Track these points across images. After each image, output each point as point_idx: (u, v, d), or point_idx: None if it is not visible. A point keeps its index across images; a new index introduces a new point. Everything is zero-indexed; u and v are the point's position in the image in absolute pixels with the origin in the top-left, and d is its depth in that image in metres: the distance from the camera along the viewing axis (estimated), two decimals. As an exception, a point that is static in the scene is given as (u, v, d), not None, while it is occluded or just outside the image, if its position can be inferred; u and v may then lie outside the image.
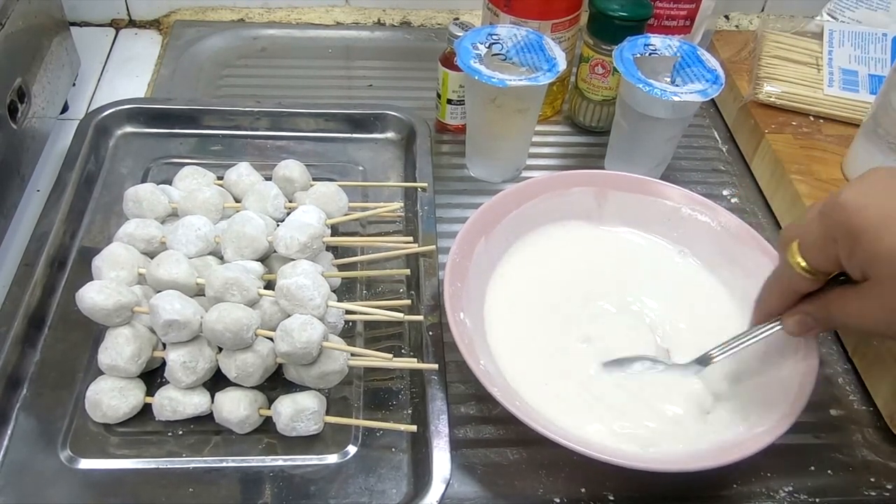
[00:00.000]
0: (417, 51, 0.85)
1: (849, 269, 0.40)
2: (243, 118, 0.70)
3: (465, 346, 0.47)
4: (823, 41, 0.77)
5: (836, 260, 0.40)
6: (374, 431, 0.50)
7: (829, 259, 0.40)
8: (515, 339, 0.54)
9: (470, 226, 0.55)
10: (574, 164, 0.72)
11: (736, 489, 0.49)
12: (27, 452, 0.47)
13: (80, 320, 0.50)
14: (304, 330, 0.46)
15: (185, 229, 0.53)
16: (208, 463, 0.48)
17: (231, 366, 0.48)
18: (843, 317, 0.42)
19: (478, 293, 0.55)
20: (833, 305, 0.43)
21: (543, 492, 0.48)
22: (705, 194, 0.61)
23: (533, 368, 0.52)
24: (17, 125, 0.60)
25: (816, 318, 0.44)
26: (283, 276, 0.50)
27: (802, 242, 0.42)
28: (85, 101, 0.76)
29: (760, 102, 0.72)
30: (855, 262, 0.39)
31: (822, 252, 0.41)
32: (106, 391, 0.48)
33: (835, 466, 0.51)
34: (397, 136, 0.71)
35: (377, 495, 0.47)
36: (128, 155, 0.67)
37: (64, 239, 0.58)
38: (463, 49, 0.61)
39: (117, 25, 0.86)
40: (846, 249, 0.39)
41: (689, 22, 0.71)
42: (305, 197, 0.59)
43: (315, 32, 0.86)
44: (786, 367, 0.50)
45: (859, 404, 0.55)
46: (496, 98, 0.61)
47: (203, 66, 0.80)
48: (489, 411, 0.52)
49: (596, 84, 0.71)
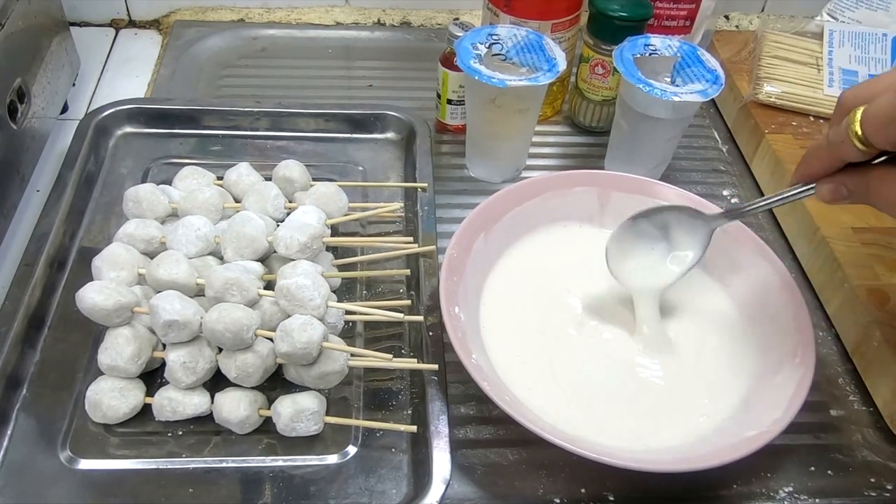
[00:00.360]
0: (417, 51, 0.85)
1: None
2: (243, 118, 0.70)
3: (458, 339, 0.48)
4: (823, 41, 0.77)
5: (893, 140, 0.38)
6: (374, 432, 0.50)
7: (890, 137, 0.38)
8: (511, 336, 0.54)
9: (469, 222, 0.55)
10: (574, 164, 0.72)
11: (736, 489, 0.49)
12: (27, 453, 0.47)
13: (79, 320, 0.50)
14: (304, 330, 0.46)
15: (185, 229, 0.53)
16: (208, 463, 0.48)
17: (231, 366, 0.48)
18: (878, 197, 0.41)
19: (475, 289, 0.55)
20: (873, 183, 0.41)
21: (543, 492, 0.48)
22: (705, 194, 0.61)
23: (527, 366, 0.52)
24: (17, 125, 0.60)
25: (852, 190, 0.42)
26: (283, 276, 0.50)
27: (866, 112, 0.39)
28: (85, 101, 0.76)
29: (760, 102, 0.72)
30: None
31: (885, 128, 0.38)
32: (106, 391, 0.48)
33: (835, 466, 0.51)
34: (397, 136, 0.71)
35: (377, 496, 0.47)
36: (128, 155, 0.67)
37: (64, 239, 0.58)
38: (463, 49, 0.61)
39: (117, 25, 0.86)
40: None
41: (689, 22, 0.71)
42: (305, 197, 0.59)
43: (315, 32, 0.86)
44: (784, 368, 0.50)
45: (859, 404, 0.55)
46: (496, 98, 0.61)
47: (203, 66, 0.80)
48: (489, 411, 0.52)
49: (596, 84, 0.71)
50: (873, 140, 0.39)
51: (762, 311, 0.54)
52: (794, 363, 0.50)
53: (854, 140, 0.40)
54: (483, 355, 0.51)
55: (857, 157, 0.41)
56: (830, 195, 0.44)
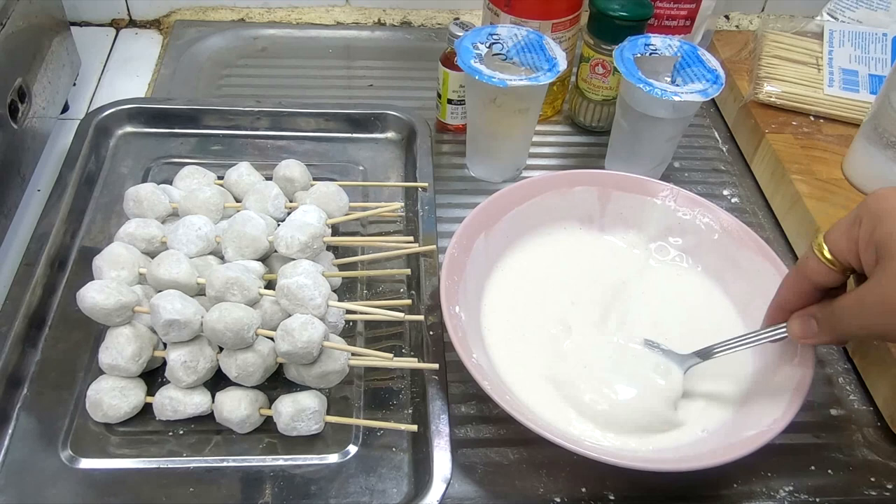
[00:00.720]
0: (417, 51, 0.85)
1: (864, 256, 0.40)
2: (243, 118, 0.70)
3: (458, 339, 0.48)
4: (823, 41, 0.77)
5: (855, 246, 0.40)
6: (375, 431, 0.50)
7: (850, 244, 0.41)
8: (511, 335, 0.54)
9: (469, 222, 0.55)
10: (574, 164, 0.72)
11: (736, 489, 0.49)
12: (28, 452, 0.47)
13: (80, 320, 0.50)
14: (304, 329, 0.46)
15: (186, 229, 0.53)
16: (209, 462, 0.48)
17: (232, 365, 0.48)
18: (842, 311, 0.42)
19: (476, 288, 0.55)
20: (837, 303, 0.42)
21: (543, 491, 0.48)
22: (705, 194, 0.61)
23: (527, 365, 0.52)
24: (17, 125, 0.60)
25: (819, 319, 0.44)
26: (284, 275, 0.50)
27: (829, 231, 0.42)
28: (85, 101, 0.76)
29: (760, 102, 0.72)
30: (871, 244, 0.39)
31: (846, 234, 0.41)
32: (107, 391, 0.48)
33: (835, 466, 0.51)
34: (397, 135, 0.71)
35: (378, 495, 0.47)
36: (128, 155, 0.67)
37: (64, 239, 0.58)
38: (463, 49, 0.61)
39: (117, 25, 0.86)
40: (868, 231, 0.39)
41: (690, 22, 0.71)
42: (306, 197, 0.59)
43: (315, 32, 0.86)
44: (783, 370, 0.50)
45: (859, 404, 0.55)
46: (496, 98, 0.61)
47: (203, 66, 0.80)
48: (489, 411, 0.52)
49: (596, 84, 0.71)
50: (837, 251, 0.42)
51: (762, 311, 0.54)
52: (793, 363, 0.50)
53: (819, 255, 0.42)
54: (483, 355, 0.51)
55: (822, 276, 0.43)
56: (800, 329, 0.45)
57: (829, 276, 0.43)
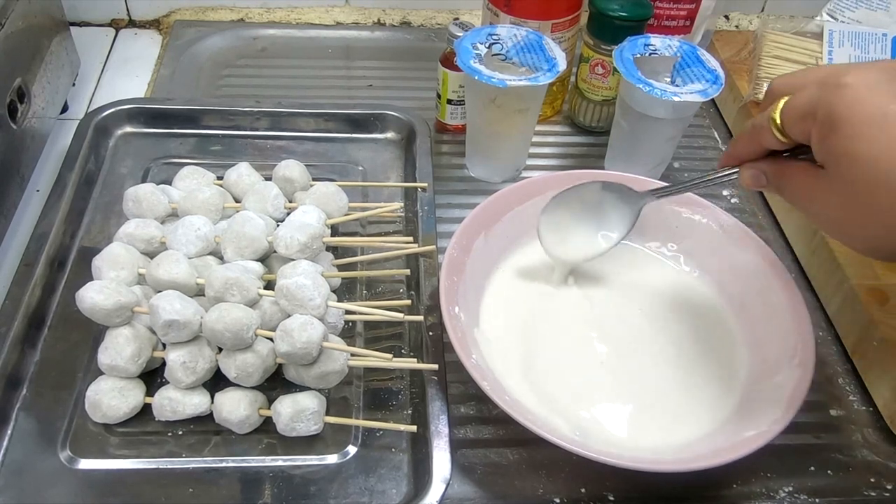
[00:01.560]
0: (417, 51, 0.85)
1: (815, 152, 0.39)
2: (243, 118, 0.70)
3: (458, 339, 0.48)
4: (823, 41, 0.77)
5: (807, 135, 0.39)
6: (374, 431, 0.50)
7: (802, 131, 0.39)
8: (511, 335, 0.54)
9: (469, 222, 0.55)
10: (574, 164, 0.72)
11: (736, 489, 0.49)
12: (27, 452, 0.47)
13: (80, 320, 0.50)
14: (304, 330, 0.46)
15: (185, 229, 0.53)
16: (208, 463, 0.48)
17: (231, 366, 0.48)
18: (790, 189, 0.42)
19: (475, 289, 0.55)
20: (787, 173, 0.42)
21: (543, 492, 0.48)
22: (705, 194, 0.61)
23: (527, 365, 0.52)
24: (17, 125, 0.60)
25: (770, 177, 0.44)
26: (283, 276, 0.50)
27: (787, 103, 0.40)
28: (85, 101, 0.76)
29: (760, 102, 0.72)
30: (823, 149, 0.38)
31: (800, 122, 0.39)
32: (106, 391, 0.48)
33: (835, 466, 0.51)
34: (397, 136, 0.71)
35: (377, 495, 0.47)
36: (128, 155, 0.67)
37: (64, 239, 0.58)
38: (463, 49, 0.61)
39: (117, 25, 0.86)
40: (821, 132, 0.38)
41: (689, 22, 0.71)
42: (305, 197, 0.59)
43: (315, 32, 0.86)
44: (783, 370, 0.50)
45: (859, 404, 0.55)
46: (496, 98, 0.61)
47: (203, 66, 0.80)
48: (489, 411, 0.52)
49: (596, 84, 0.71)
50: (789, 131, 0.40)
51: (762, 311, 0.54)
52: (793, 363, 0.50)
53: (773, 129, 0.41)
54: (482, 355, 0.51)
55: (775, 146, 0.42)
56: (751, 180, 0.45)
57: (781, 146, 0.42)
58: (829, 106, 0.37)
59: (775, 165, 0.43)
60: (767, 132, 0.41)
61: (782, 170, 0.43)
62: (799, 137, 0.40)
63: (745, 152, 0.45)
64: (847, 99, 0.36)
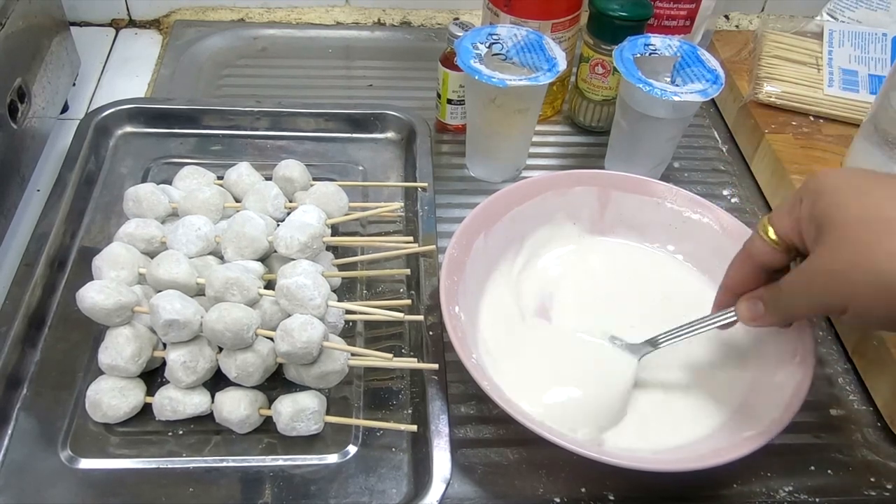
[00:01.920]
0: (417, 51, 0.85)
1: (806, 232, 0.41)
2: (243, 118, 0.70)
3: (458, 339, 0.48)
4: (823, 41, 0.77)
5: (797, 225, 0.42)
6: (375, 431, 0.50)
7: (793, 221, 0.42)
8: (511, 335, 0.54)
9: (469, 222, 0.55)
10: (574, 164, 0.72)
11: (736, 489, 0.49)
12: (27, 452, 0.47)
13: (80, 320, 0.50)
14: (304, 330, 0.46)
15: (186, 229, 0.53)
16: (208, 463, 0.48)
17: (231, 365, 0.48)
18: (787, 288, 0.43)
19: (476, 289, 0.55)
20: (783, 282, 0.43)
21: (543, 492, 0.48)
22: (705, 194, 0.61)
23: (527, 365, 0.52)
24: (17, 125, 0.60)
25: (766, 300, 0.45)
26: (284, 275, 0.50)
27: (773, 213, 0.44)
28: (85, 101, 0.76)
29: (760, 102, 0.72)
30: (812, 220, 0.40)
31: (788, 214, 0.42)
32: (106, 391, 0.48)
33: (835, 466, 0.51)
34: (397, 136, 0.71)
35: (377, 495, 0.47)
36: (128, 155, 0.67)
37: (64, 239, 0.58)
38: (463, 49, 0.61)
39: (117, 25, 0.86)
40: (808, 205, 0.41)
41: (689, 22, 0.71)
42: (305, 197, 0.59)
43: (315, 32, 0.86)
44: (783, 370, 0.50)
45: (859, 404, 0.55)
46: (496, 98, 0.61)
47: (203, 66, 0.80)
48: (489, 411, 0.52)
49: (596, 84, 0.71)
50: (781, 231, 0.43)
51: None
52: (793, 363, 0.50)
53: (763, 235, 0.44)
54: (483, 355, 0.51)
55: (768, 255, 0.44)
56: (748, 312, 0.46)
57: (775, 257, 0.44)
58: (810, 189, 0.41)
59: (771, 287, 0.45)
60: (758, 242, 0.44)
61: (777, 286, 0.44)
62: (790, 233, 0.42)
63: (739, 280, 0.47)
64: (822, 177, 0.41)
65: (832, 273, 0.39)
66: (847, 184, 0.40)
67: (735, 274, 0.47)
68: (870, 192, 0.39)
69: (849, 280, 0.38)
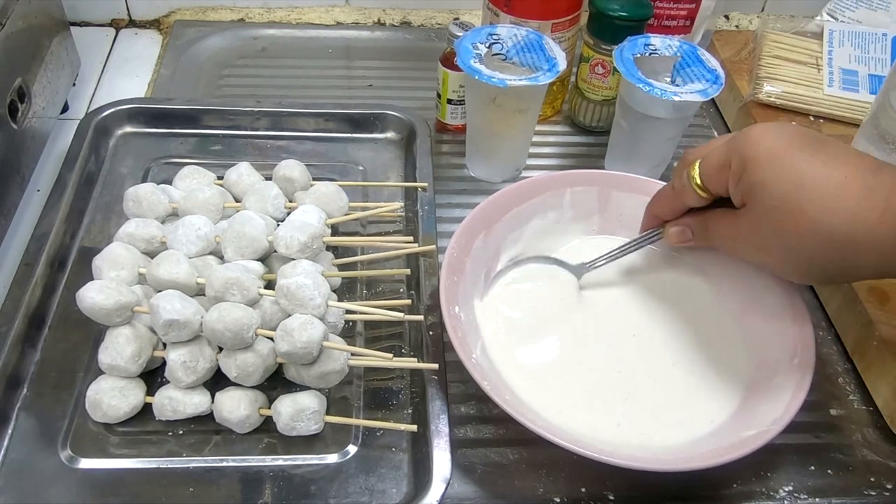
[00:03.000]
0: (417, 51, 0.85)
1: (732, 195, 0.45)
2: (243, 118, 0.70)
3: (458, 339, 0.48)
4: (823, 41, 0.77)
5: (725, 184, 0.45)
6: (375, 431, 0.50)
7: (721, 182, 0.45)
8: (511, 335, 0.54)
9: (469, 222, 0.55)
10: (574, 164, 0.72)
11: (736, 489, 0.49)
12: (27, 452, 0.47)
13: (80, 320, 0.50)
14: (304, 330, 0.46)
15: (186, 229, 0.53)
16: (208, 462, 0.48)
17: (231, 365, 0.48)
18: (716, 234, 0.48)
19: (476, 289, 0.55)
20: (710, 222, 0.48)
21: (543, 492, 0.48)
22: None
23: (527, 365, 0.52)
24: (17, 125, 0.60)
25: (694, 230, 0.50)
26: (284, 275, 0.50)
27: (703, 161, 0.46)
28: (85, 101, 0.76)
29: (760, 102, 0.72)
30: (739, 188, 0.44)
31: (718, 174, 0.45)
32: (106, 391, 0.48)
33: (835, 466, 0.51)
34: (397, 136, 0.71)
35: (377, 495, 0.47)
36: (128, 155, 0.67)
37: (64, 239, 0.58)
38: (463, 49, 0.61)
39: (117, 25, 0.86)
40: (736, 175, 0.44)
41: (689, 22, 0.71)
42: (305, 197, 0.59)
43: (315, 32, 0.86)
44: (783, 370, 0.50)
45: (859, 404, 0.55)
46: (496, 98, 0.61)
47: (203, 66, 0.80)
48: (489, 411, 0.52)
49: (596, 84, 0.71)
50: (710, 186, 0.46)
51: (762, 312, 0.54)
52: (793, 363, 0.50)
53: (694, 187, 0.47)
54: (483, 355, 0.51)
55: (697, 203, 0.48)
56: (677, 237, 0.51)
57: (702, 202, 0.48)
58: (740, 153, 0.43)
59: (698, 217, 0.49)
60: (689, 191, 0.48)
61: (706, 219, 0.49)
62: (718, 189, 0.46)
63: (667, 212, 0.52)
64: (752, 144, 0.43)
65: (753, 240, 0.45)
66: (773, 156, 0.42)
67: (662, 207, 0.52)
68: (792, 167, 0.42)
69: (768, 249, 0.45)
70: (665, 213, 0.52)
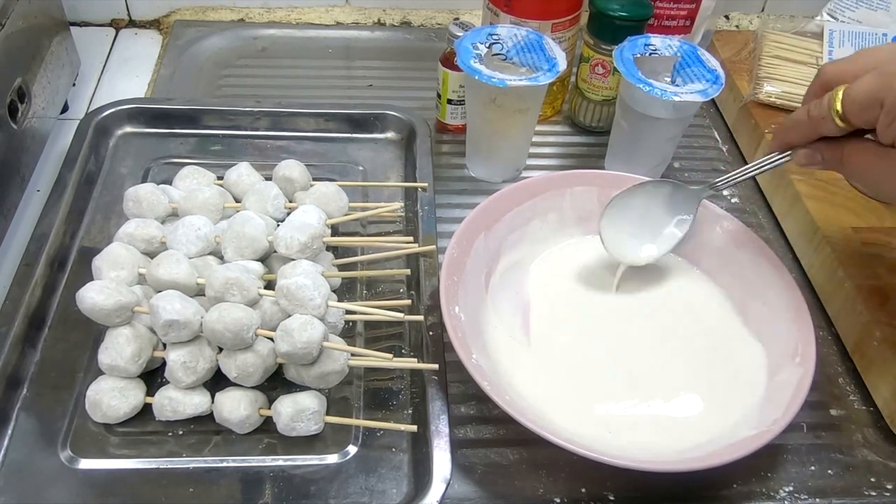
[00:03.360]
0: (417, 51, 0.85)
1: (882, 135, 0.41)
2: (243, 118, 0.70)
3: (458, 339, 0.48)
4: (823, 41, 0.77)
5: (873, 121, 0.40)
6: (375, 431, 0.50)
7: (869, 119, 0.41)
8: (511, 335, 0.54)
9: (469, 222, 0.55)
10: (574, 164, 0.72)
11: (736, 489, 0.49)
12: (27, 452, 0.47)
13: (80, 320, 0.50)
14: (304, 330, 0.46)
15: (186, 229, 0.53)
16: (208, 463, 0.48)
17: (231, 366, 0.48)
18: (855, 167, 0.44)
19: (476, 289, 0.55)
20: (848, 152, 0.44)
21: (543, 492, 0.48)
22: (705, 194, 0.61)
23: (527, 365, 0.52)
24: (17, 125, 0.60)
25: (826, 157, 0.45)
26: (284, 275, 0.50)
27: (848, 92, 0.41)
28: (85, 101, 0.76)
29: (760, 102, 0.72)
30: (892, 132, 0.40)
31: (865, 111, 0.41)
32: (106, 391, 0.48)
33: (835, 466, 0.51)
34: (397, 136, 0.71)
35: (377, 495, 0.47)
36: (128, 155, 0.67)
37: (64, 239, 0.58)
38: (463, 49, 0.61)
39: (117, 25, 0.86)
40: (890, 115, 0.39)
41: (689, 22, 0.71)
42: (305, 197, 0.59)
43: (315, 32, 0.86)
44: (783, 370, 0.50)
45: (859, 404, 0.55)
46: (496, 98, 0.61)
47: (203, 66, 0.80)
48: (489, 411, 0.52)
49: (596, 84, 0.71)
50: (853, 120, 0.42)
51: (762, 311, 0.55)
52: (794, 363, 0.50)
53: (835, 118, 0.42)
54: (483, 355, 0.51)
55: (835, 133, 0.43)
56: (806, 159, 0.46)
57: (839, 132, 0.43)
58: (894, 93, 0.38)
59: (833, 147, 0.45)
60: (829, 122, 0.43)
61: (842, 150, 0.44)
62: (863, 125, 0.41)
63: (798, 139, 0.47)
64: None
65: None
66: None
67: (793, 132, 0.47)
68: None
69: None
70: (795, 141, 0.47)
